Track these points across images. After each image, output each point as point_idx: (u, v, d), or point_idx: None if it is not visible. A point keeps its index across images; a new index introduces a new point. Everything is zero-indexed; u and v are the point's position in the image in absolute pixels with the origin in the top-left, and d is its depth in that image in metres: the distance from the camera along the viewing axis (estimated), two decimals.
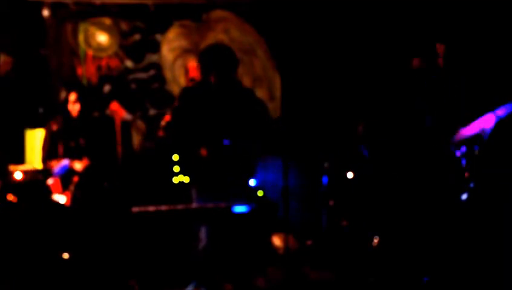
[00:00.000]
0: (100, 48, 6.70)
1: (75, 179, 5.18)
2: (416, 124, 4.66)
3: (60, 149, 5.32)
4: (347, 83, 6.54)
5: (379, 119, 4.86)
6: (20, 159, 5.83)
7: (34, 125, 5.94)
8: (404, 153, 4.69)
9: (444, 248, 4.58)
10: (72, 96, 5.34)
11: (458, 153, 4.59)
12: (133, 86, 6.77)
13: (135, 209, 4.07)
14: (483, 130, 4.43)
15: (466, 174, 4.58)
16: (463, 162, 4.58)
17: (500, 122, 4.40)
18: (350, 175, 6.02)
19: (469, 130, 4.51)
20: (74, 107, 5.32)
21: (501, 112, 4.41)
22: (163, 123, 4.76)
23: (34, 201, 5.09)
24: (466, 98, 4.68)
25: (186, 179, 4.70)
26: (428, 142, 4.63)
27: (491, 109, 4.46)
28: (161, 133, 4.77)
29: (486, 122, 4.42)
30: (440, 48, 4.62)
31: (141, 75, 6.79)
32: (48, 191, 5.18)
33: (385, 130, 4.80)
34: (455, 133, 4.57)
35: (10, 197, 5.03)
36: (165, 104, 6.52)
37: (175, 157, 4.70)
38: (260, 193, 6.04)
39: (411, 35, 4.82)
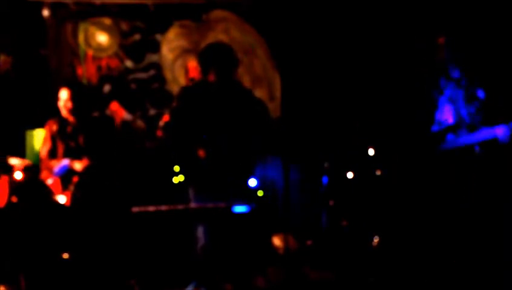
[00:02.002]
0: (100, 48, 6.70)
1: (75, 179, 5.18)
2: (417, 123, 4.65)
3: (60, 149, 5.31)
4: (347, 82, 6.54)
5: (379, 118, 4.86)
6: (20, 159, 5.82)
7: (34, 125, 5.93)
8: (404, 152, 4.69)
9: (444, 247, 4.58)
10: (64, 94, 5.26)
11: (458, 153, 4.59)
12: (133, 86, 6.77)
13: (135, 209, 4.07)
14: (495, 138, 4.41)
15: (466, 175, 4.58)
16: (463, 161, 4.59)
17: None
18: (350, 175, 6.03)
19: (476, 136, 4.50)
20: (66, 105, 5.25)
21: None
22: (161, 123, 4.76)
23: (34, 201, 5.09)
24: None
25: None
26: (428, 142, 4.63)
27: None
28: (159, 133, 4.78)
29: (499, 132, 4.39)
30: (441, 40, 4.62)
31: (141, 75, 6.79)
32: (48, 191, 5.17)
33: (385, 129, 4.80)
34: (459, 136, 4.57)
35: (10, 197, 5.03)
36: (165, 104, 6.52)
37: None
38: (260, 193, 6.04)
39: (412, 34, 4.82)
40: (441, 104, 4.62)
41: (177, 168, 4.72)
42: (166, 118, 4.75)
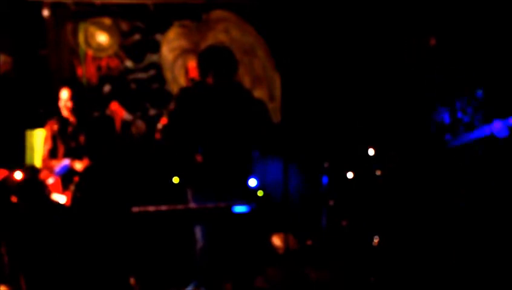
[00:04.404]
0: (100, 48, 6.71)
1: (76, 179, 5.18)
2: (417, 125, 4.66)
3: (61, 149, 5.31)
4: (347, 82, 6.54)
5: (379, 119, 4.86)
6: (20, 159, 5.83)
7: (34, 126, 5.94)
8: (405, 153, 4.69)
9: (444, 248, 4.58)
10: (64, 94, 5.26)
11: (459, 154, 4.59)
12: (133, 86, 6.77)
13: (135, 209, 4.06)
14: (491, 135, 4.41)
15: (466, 176, 4.58)
16: (463, 162, 4.59)
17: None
18: (350, 175, 6.03)
19: (474, 134, 4.50)
20: (66, 104, 5.24)
21: None
22: (159, 126, 4.74)
23: (34, 201, 5.09)
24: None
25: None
26: (428, 142, 4.63)
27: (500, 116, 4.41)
28: (158, 136, 4.76)
29: (495, 128, 4.38)
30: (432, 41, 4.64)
31: (141, 75, 6.79)
32: (48, 191, 5.18)
33: (386, 130, 4.80)
34: (459, 134, 4.56)
35: (10, 197, 5.03)
36: (165, 104, 6.52)
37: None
38: (260, 193, 6.04)
39: (410, 33, 4.82)
40: (437, 104, 4.62)
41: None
42: (164, 120, 4.73)
